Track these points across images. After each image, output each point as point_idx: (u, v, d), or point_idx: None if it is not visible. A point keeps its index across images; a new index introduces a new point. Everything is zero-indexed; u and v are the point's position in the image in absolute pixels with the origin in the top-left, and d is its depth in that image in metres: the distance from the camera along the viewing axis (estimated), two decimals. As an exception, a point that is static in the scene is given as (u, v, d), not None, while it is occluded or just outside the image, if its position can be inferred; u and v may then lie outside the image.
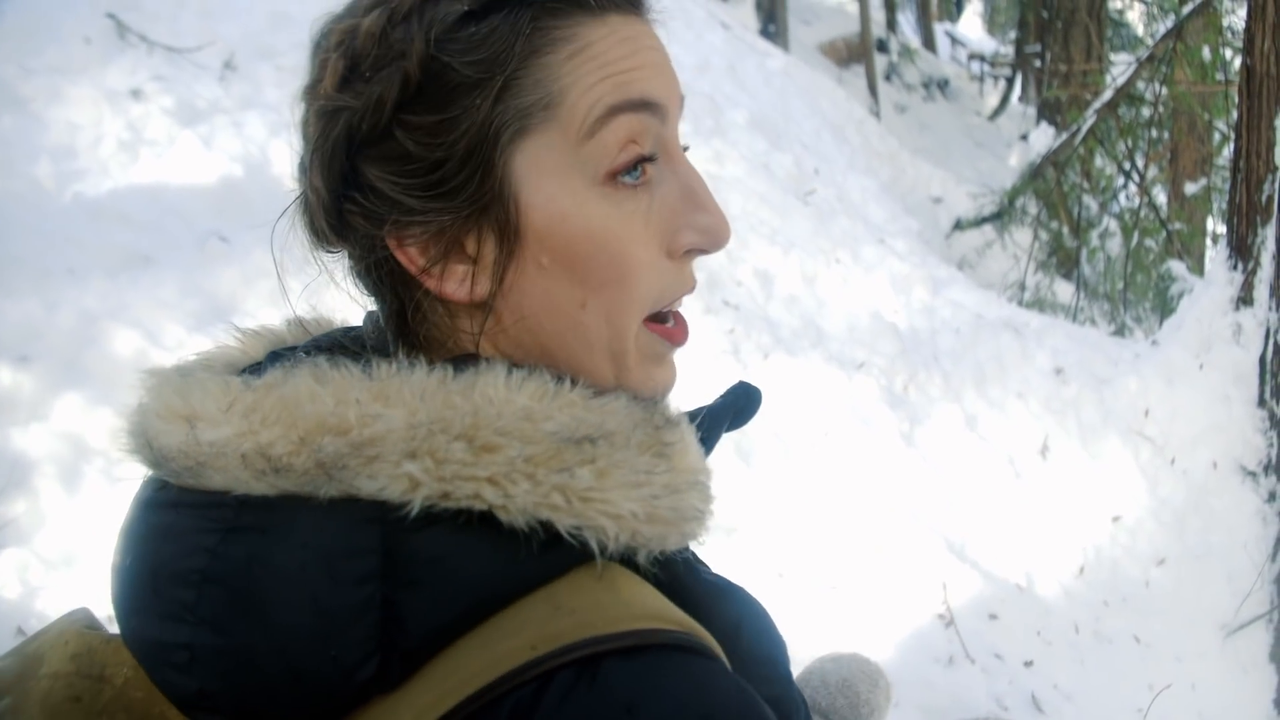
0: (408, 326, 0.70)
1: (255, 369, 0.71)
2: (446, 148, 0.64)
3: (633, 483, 0.59)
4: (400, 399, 0.60)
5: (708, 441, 0.72)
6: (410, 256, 0.66)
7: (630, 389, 0.69)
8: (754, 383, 0.77)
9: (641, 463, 0.61)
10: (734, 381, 0.77)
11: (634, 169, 0.66)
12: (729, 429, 0.75)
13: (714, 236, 0.70)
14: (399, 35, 0.64)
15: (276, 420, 0.59)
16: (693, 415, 0.71)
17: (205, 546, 0.59)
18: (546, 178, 0.65)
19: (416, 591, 0.57)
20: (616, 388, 0.68)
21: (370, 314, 0.76)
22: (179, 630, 0.59)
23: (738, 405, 0.75)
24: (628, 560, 0.61)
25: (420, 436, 0.58)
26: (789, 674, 0.74)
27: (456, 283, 0.67)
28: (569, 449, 0.59)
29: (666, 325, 0.72)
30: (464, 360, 0.65)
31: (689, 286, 0.72)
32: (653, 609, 0.58)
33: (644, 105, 0.66)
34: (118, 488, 2.91)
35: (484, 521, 0.58)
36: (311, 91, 0.68)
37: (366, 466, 0.57)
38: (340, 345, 0.73)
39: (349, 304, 0.76)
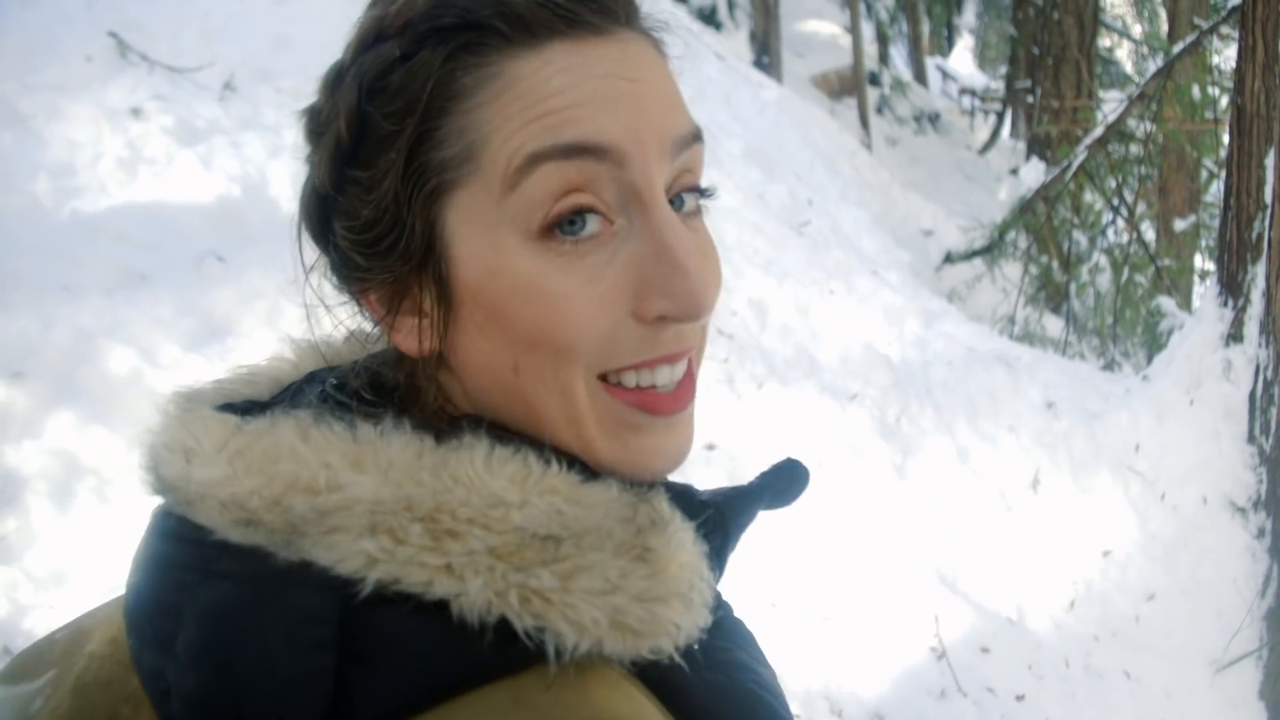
0: (396, 373, 0.69)
1: (292, 391, 0.70)
2: (375, 206, 0.62)
3: (599, 589, 0.55)
4: (375, 467, 0.57)
5: (738, 524, 0.67)
6: (373, 306, 0.66)
7: (606, 464, 0.63)
8: (802, 461, 0.71)
9: (614, 567, 0.56)
10: (781, 458, 0.71)
11: (572, 222, 0.59)
12: (768, 507, 0.69)
13: (680, 304, 0.60)
14: (341, 89, 0.63)
15: (259, 471, 0.57)
16: (722, 497, 0.66)
17: (188, 584, 0.58)
18: (475, 233, 0.60)
19: (369, 669, 0.54)
20: (606, 467, 0.64)
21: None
22: (163, 661, 0.58)
23: (779, 485, 0.70)
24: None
25: (383, 512, 0.55)
26: None
27: (405, 335, 0.65)
28: (532, 546, 0.55)
29: (641, 391, 0.64)
30: (453, 426, 0.62)
31: (664, 352, 0.63)
32: (618, 715, 0.55)
33: (577, 150, 0.58)
34: (109, 507, 2.89)
35: (440, 608, 0.55)
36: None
37: (326, 537, 0.55)
38: (363, 378, 0.71)
39: None
